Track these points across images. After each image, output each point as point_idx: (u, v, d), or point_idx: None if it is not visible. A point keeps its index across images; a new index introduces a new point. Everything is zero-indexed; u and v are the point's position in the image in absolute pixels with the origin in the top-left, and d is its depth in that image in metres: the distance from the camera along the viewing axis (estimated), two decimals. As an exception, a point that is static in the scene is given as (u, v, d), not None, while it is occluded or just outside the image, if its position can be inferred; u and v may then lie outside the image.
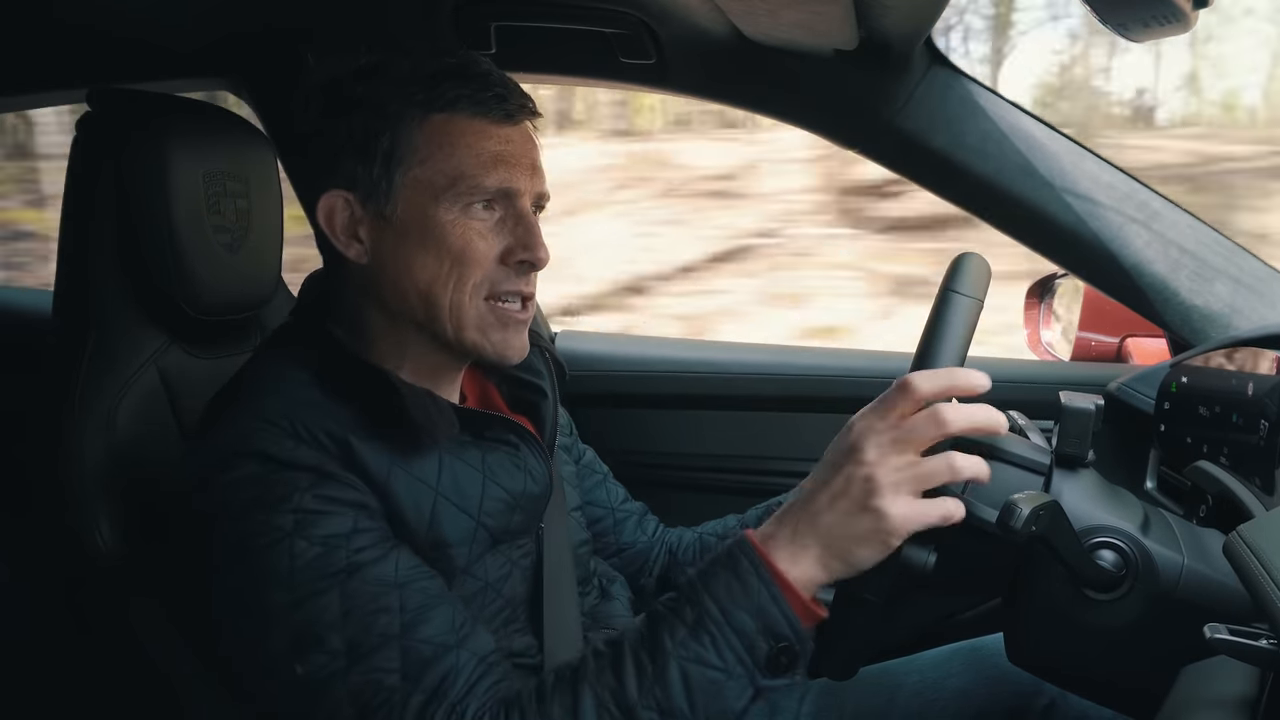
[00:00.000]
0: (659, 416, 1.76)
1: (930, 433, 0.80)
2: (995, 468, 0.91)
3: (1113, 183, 1.37)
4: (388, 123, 0.93)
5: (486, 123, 0.94)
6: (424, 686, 0.83)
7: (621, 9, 1.35)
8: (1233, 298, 1.35)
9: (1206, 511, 1.02)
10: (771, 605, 0.81)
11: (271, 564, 0.85)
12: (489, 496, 0.99)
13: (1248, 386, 1.04)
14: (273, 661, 0.85)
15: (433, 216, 0.93)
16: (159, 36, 1.40)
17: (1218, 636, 0.67)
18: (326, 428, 0.90)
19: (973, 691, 1.15)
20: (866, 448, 0.80)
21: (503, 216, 0.96)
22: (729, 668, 0.81)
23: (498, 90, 0.95)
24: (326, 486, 0.88)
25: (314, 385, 0.94)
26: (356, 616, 0.84)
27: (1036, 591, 0.92)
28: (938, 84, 1.36)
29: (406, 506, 0.92)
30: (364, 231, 0.96)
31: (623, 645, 0.83)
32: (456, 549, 0.95)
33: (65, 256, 1.12)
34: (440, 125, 0.93)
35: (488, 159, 0.94)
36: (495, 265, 0.95)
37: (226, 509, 0.87)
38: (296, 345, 0.98)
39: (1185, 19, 0.83)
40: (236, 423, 0.90)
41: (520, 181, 0.96)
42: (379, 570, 0.86)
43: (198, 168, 1.10)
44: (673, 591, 0.85)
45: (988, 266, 0.88)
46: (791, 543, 0.82)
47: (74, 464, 1.03)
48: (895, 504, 0.79)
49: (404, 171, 0.93)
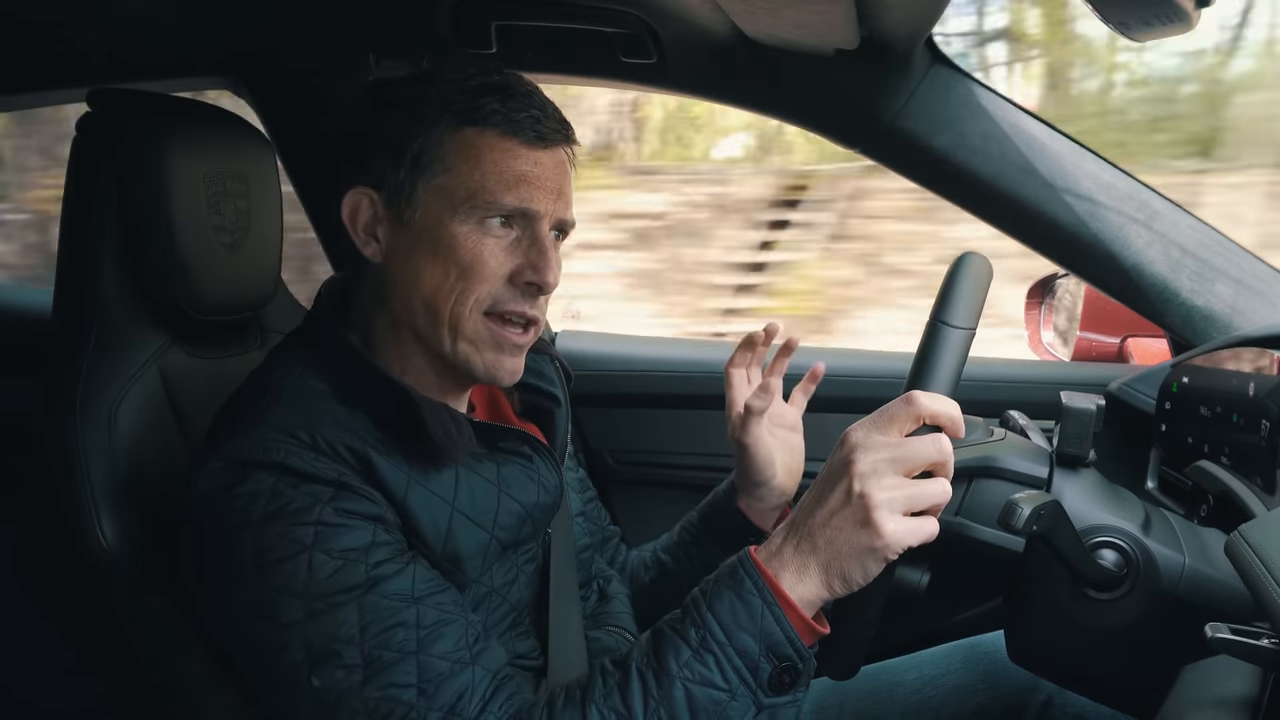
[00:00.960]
0: (660, 416, 1.75)
1: (931, 457, 0.81)
2: (992, 485, 0.91)
3: (1114, 183, 1.37)
4: (421, 128, 0.93)
5: (516, 142, 0.94)
6: (440, 704, 0.83)
7: (622, 8, 1.35)
8: (1234, 298, 1.35)
9: (1207, 511, 1.02)
10: (775, 627, 0.82)
11: (290, 576, 0.84)
12: (503, 510, 0.99)
13: (1249, 387, 1.04)
14: (289, 674, 0.85)
15: (448, 226, 0.93)
16: (160, 37, 1.40)
17: (1219, 636, 0.68)
18: (346, 441, 0.90)
19: (971, 688, 1.16)
20: (862, 462, 0.81)
21: (519, 237, 0.95)
22: (733, 688, 0.82)
23: (534, 112, 0.94)
24: (346, 500, 0.87)
25: (333, 397, 0.94)
26: (374, 631, 0.84)
27: (1038, 591, 0.92)
28: (939, 84, 1.36)
29: (423, 522, 0.92)
30: (382, 232, 0.96)
31: (629, 666, 0.84)
32: (470, 562, 0.95)
33: (65, 257, 1.12)
34: (470, 138, 0.93)
35: (511, 177, 0.93)
36: (503, 284, 0.95)
37: (245, 520, 0.86)
38: (312, 351, 0.98)
39: (1187, 18, 0.83)
40: (256, 433, 0.90)
41: (542, 204, 0.95)
42: (396, 584, 0.86)
43: (198, 168, 1.10)
44: (678, 610, 0.86)
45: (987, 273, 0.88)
46: (795, 561, 0.83)
47: (74, 464, 1.02)
48: (889, 521, 0.79)
49: (428, 178, 0.94)
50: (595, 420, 1.81)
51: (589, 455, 1.83)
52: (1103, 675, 0.93)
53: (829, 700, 1.22)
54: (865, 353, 1.77)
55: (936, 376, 0.84)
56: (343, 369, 0.95)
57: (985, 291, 0.87)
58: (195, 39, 1.44)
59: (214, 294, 1.13)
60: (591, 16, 1.37)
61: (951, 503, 0.83)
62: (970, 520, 0.92)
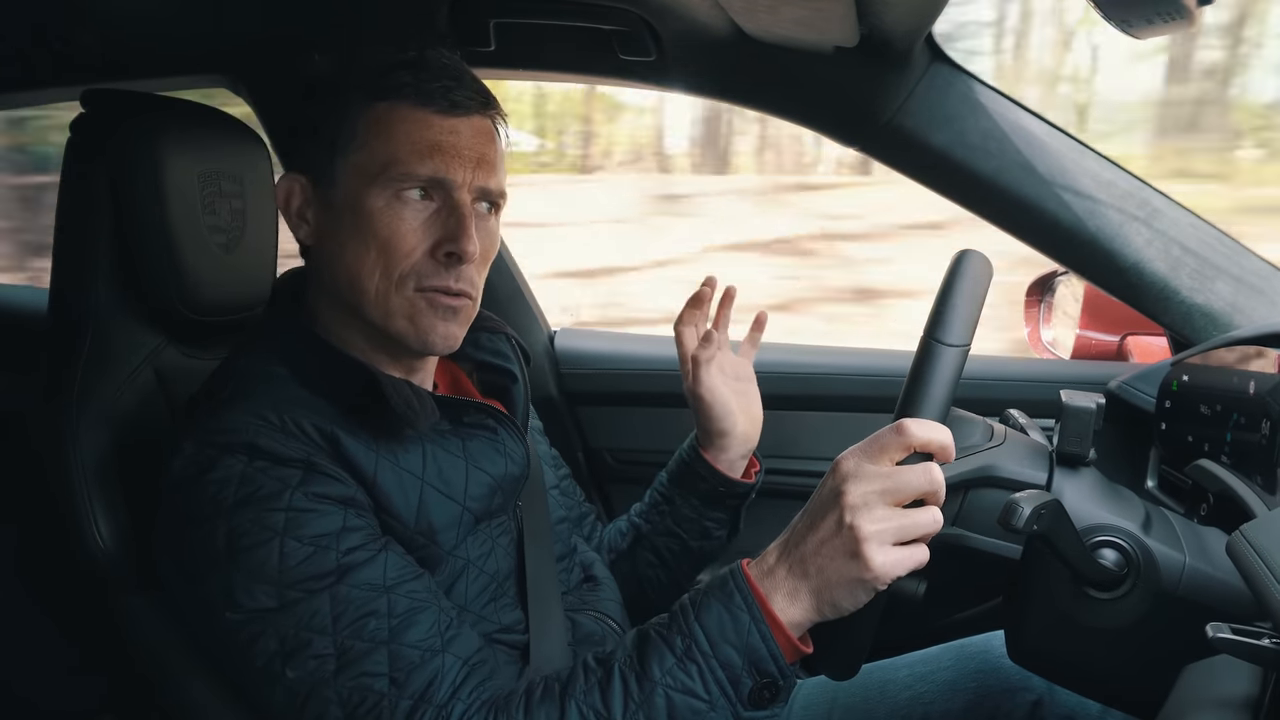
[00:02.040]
0: (658, 415, 1.75)
1: (921, 488, 0.81)
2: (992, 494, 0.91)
3: (1113, 181, 1.37)
4: (337, 108, 0.95)
5: (428, 112, 0.94)
6: (411, 691, 0.84)
7: (621, 5, 1.34)
8: (1234, 296, 1.35)
9: (1208, 510, 1.02)
10: (760, 643, 0.82)
11: (261, 563, 0.85)
12: (473, 481, 1.00)
13: (1249, 385, 1.04)
14: (263, 664, 0.85)
15: (365, 203, 0.94)
16: (156, 36, 1.40)
17: (1220, 635, 0.67)
18: (314, 421, 0.91)
19: (962, 686, 1.16)
20: (852, 494, 0.81)
21: (439, 208, 0.96)
22: (713, 699, 0.83)
23: (445, 82, 0.95)
24: (315, 483, 0.88)
25: (297, 382, 0.95)
26: (346, 621, 0.84)
27: (1038, 590, 0.92)
28: (939, 81, 1.36)
29: (395, 498, 0.93)
30: (311, 214, 0.99)
31: (612, 666, 0.85)
32: (444, 534, 0.96)
33: (60, 256, 1.12)
34: (381, 113, 0.94)
35: (424, 147, 0.94)
36: (424, 258, 0.95)
37: (216, 507, 0.86)
38: (273, 339, 0.99)
39: (1189, 15, 0.82)
40: (223, 418, 0.90)
41: (458, 173, 0.95)
42: (368, 573, 0.87)
43: (193, 168, 1.10)
44: (665, 615, 0.87)
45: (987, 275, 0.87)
46: (787, 584, 0.83)
47: (70, 464, 1.02)
48: (878, 553, 0.80)
49: (345, 156, 0.95)
50: (594, 419, 1.81)
51: (588, 454, 1.83)
52: (1103, 675, 0.93)
53: (818, 698, 1.22)
54: (864, 351, 1.77)
55: (929, 399, 0.84)
56: (302, 353, 0.97)
57: (983, 299, 0.87)
58: (191, 37, 1.44)
59: (209, 294, 1.12)
60: (590, 14, 1.37)
61: (948, 512, 0.83)
62: (968, 529, 0.92)
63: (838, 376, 1.66)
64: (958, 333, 0.84)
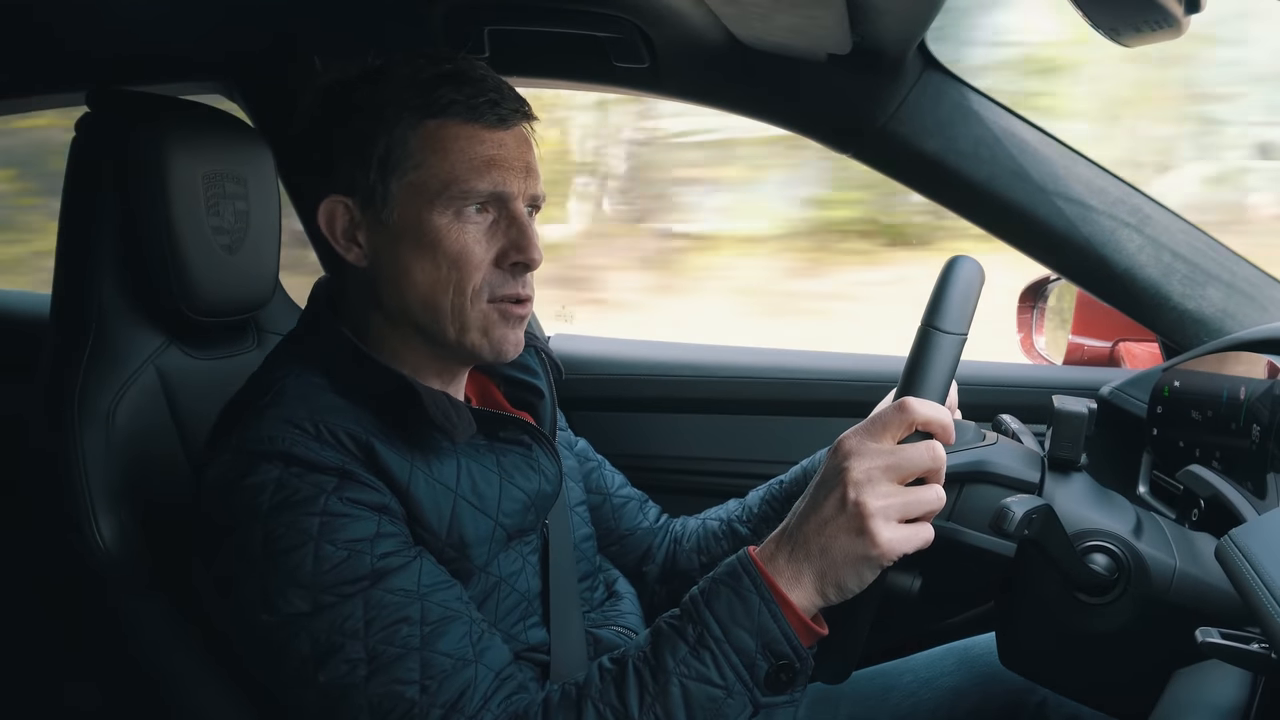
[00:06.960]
0: (653, 419, 1.75)
1: (925, 464, 0.81)
2: (984, 489, 0.91)
3: (1105, 187, 1.37)
4: (384, 128, 0.94)
5: (479, 128, 0.95)
6: (442, 701, 0.84)
7: (614, 13, 1.35)
8: (1225, 302, 1.35)
9: (1198, 515, 1.02)
10: (772, 624, 0.82)
11: (296, 567, 0.85)
12: (506, 497, 1.00)
13: (1240, 391, 1.04)
14: (296, 668, 0.85)
15: (428, 221, 0.94)
16: (155, 40, 1.40)
17: (1209, 640, 0.68)
18: (349, 430, 0.91)
19: (966, 691, 1.16)
20: (856, 470, 0.81)
21: (496, 219, 0.97)
22: (729, 685, 0.82)
23: (491, 95, 0.95)
24: (351, 489, 0.88)
25: (334, 390, 0.95)
26: (378, 626, 0.84)
27: (1029, 595, 0.92)
28: (931, 89, 1.36)
29: (428, 509, 0.93)
30: (363, 236, 0.97)
31: (626, 662, 0.84)
32: (475, 548, 0.96)
33: (64, 257, 1.12)
34: (434, 131, 0.94)
35: (480, 163, 0.94)
36: (491, 268, 0.96)
37: (252, 512, 0.87)
38: (311, 349, 0.99)
39: (1177, 24, 0.83)
40: (259, 426, 0.91)
41: (513, 184, 0.96)
42: (402, 579, 0.87)
43: (197, 169, 1.10)
44: (676, 609, 0.87)
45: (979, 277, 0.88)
46: (789, 569, 0.83)
47: (73, 464, 1.02)
48: (885, 529, 0.79)
49: (399, 177, 0.95)
50: (588, 423, 1.81)
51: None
52: (1094, 679, 0.93)
53: (823, 704, 1.22)
54: (857, 356, 1.77)
55: (928, 382, 0.84)
56: (342, 362, 0.97)
57: (977, 296, 0.87)
58: (187, 43, 1.44)
59: (212, 295, 1.13)
60: (584, 21, 1.37)
61: (943, 508, 0.83)
62: (962, 525, 0.92)
63: (827, 381, 1.66)
64: (955, 321, 0.85)
